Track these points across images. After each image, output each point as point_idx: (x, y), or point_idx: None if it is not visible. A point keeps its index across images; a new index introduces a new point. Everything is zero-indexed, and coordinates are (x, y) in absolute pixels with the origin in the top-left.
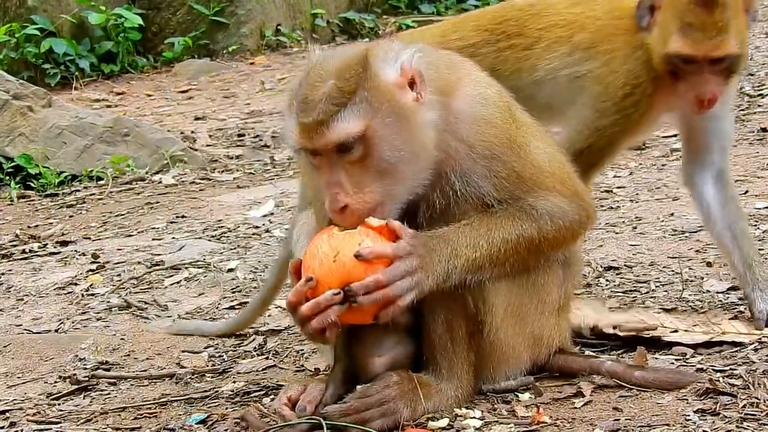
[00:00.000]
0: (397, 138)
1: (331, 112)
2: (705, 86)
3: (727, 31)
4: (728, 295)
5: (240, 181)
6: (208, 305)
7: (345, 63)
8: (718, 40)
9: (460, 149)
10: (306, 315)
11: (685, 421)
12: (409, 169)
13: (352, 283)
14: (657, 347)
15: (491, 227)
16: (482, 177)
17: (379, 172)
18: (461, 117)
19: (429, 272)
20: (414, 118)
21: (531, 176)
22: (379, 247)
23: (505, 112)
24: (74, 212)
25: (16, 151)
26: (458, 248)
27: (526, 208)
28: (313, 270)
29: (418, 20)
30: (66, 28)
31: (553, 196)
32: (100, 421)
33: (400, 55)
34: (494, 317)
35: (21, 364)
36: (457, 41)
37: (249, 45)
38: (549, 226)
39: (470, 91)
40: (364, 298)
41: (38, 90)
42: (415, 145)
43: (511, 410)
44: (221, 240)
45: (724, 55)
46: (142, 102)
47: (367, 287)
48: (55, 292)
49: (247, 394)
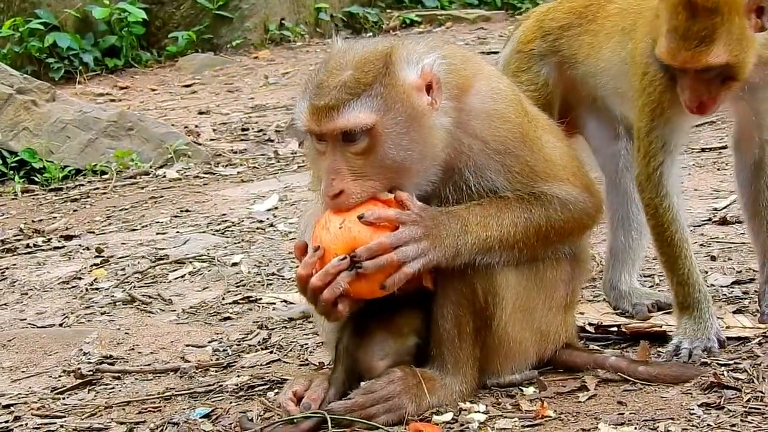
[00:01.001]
0: (404, 137)
1: (343, 99)
2: (692, 93)
3: (712, 41)
4: (732, 289)
5: (244, 175)
6: (212, 299)
7: (366, 56)
8: (698, 51)
9: (473, 145)
10: (317, 286)
11: (690, 415)
12: (413, 168)
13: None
14: (661, 342)
15: (501, 208)
16: (496, 172)
17: (381, 167)
18: (474, 113)
19: (436, 243)
20: (425, 121)
21: (544, 169)
22: (384, 211)
23: (517, 107)
24: (78, 206)
25: (20, 145)
26: (468, 225)
27: (537, 193)
28: (321, 239)
29: (422, 14)
30: (70, 23)
31: (565, 185)
32: (105, 415)
33: (422, 58)
34: (503, 312)
35: (25, 358)
36: (551, 21)
37: (253, 39)
38: (558, 214)
39: (483, 87)
40: (369, 263)
41: (42, 84)
42: (423, 147)
43: (516, 404)
44: (225, 234)
45: (702, 66)
46: (146, 96)
47: (372, 250)
48: (59, 287)
49: (251, 388)
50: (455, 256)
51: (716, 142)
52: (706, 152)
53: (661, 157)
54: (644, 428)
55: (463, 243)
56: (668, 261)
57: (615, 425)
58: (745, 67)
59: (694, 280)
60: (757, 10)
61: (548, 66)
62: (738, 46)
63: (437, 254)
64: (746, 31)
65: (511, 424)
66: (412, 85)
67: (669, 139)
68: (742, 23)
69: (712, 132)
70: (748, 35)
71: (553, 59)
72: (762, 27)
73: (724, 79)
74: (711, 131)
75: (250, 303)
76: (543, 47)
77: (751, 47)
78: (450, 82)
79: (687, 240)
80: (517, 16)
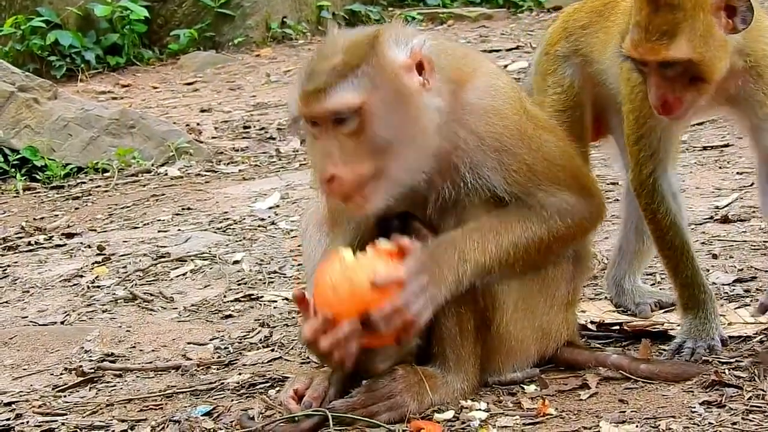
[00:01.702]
0: (394, 117)
1: (331, 82)
2: (657, 91)
3: (674, 34)
4: (734, 287)
5: (246, 173)
6: (213, 297)
7: (356, 39)
8: (659, 43)
9: (469, 140)
10: (326, 351)
11: (691, 413)
12: (406, 151)
13: (369, 310)
14: (662, 340)
15: (500, 231)
16: (493, 170)
17: (373, 149)
18: (471, 108)
19: (441, 284)
20: (416, 101)
21: (543, 169)
22: (393, 272)
23: (516, 104)
24: (80, 204)
25: (22, 143)
26: (467, 253)
27: (536, 207)
28: (329, 303)
29: (423, 12)
30: (72, 20)
31: (563, 193)
32: (106, 413)
33: (412, 38)
34: (504, 311)
35: (27, 356)
36: (574, 22)
37: (255, 37)
38: (559, 225)
39: (482, 83)
40: (385, 326)
41: (44, 82)
42: (414, 129)
43: (517, 402)
44: (227, 232)
45: (663, 59)
46: (147, 94)
47: (387, 315)
48: (60, 284)
49: (252, 386)
50: (458, 286)
51: (718, 140)
52: (708, 150)
53: (652, 165)
54: (645, 426)
55: (463, 272)
56: (670, 263)
57: (616, 423)
58: (713, 66)
59: (698, 282)
60: (728, 10)
61: (572, 67)
62: (703, 43)
63: (443, 293)
64: (713, 29)
65: (512, 422)
66: (401, 65)
67: (657, 147)
68: (708, 20)
69: (714, 130)
70: (717, 34)
71: (575, 60)
72: (734, 28)
73: (692, 79)
74: (713, 129)
75: (252, 301)
76: (567, 48)
77: (721, 47)
78: (446, 72)
79: (688, 242)
80: (518, 14)
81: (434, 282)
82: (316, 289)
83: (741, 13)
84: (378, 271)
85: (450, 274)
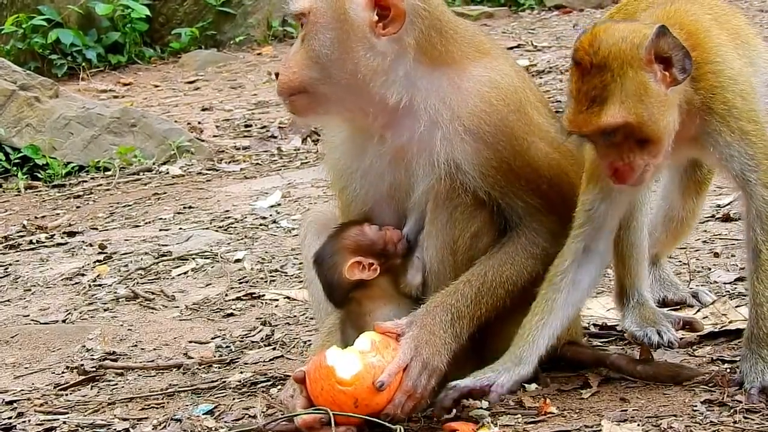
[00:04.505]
0: (327, 36)
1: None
2: (605, 160)
3: (605, 100)
4: (735, 285)
5: (247, 171)
6: (215, 296)
7: None
8: (591, 112)
9: (443, 112)
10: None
11: (693, 412)
12: (338, 75)
13: (378, 410)
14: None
15: (494, 283)
16: (471, 164)
17: (310, 58)
18: (460, 90)
19: (441, 352)
20: (356, 35)
21: (525, 175)
22: (393, 368)
23: (510, 101)
24: (81, 203)
25: (23, 141)
26: (460, 310)
27: (529, 248)
28: (331, 398)
29: None
30: (73, 19)
31: (550, 221)
32: (108, 411)
33: None
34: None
35: (28, 354)
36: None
37: (256, 35)
38: (549, 251)
39: (479, 73)
40: (401, 414)
41: (45, 81)
42: (350, 60)
43: (519, 401)
44: (228, 230)
45: (597, 129)
46: (149, 93)
47: (403, 407)
48: (62, 283)
49: (254, 384)
50: (458, 343)
51: None
52: None
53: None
54: (647, 425)
55: (460, 329)
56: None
57: (618, 422)
58: (656, 125)
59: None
60: (663, 62)
61: None
62: (638, 103)
63: (443, 359)
64: (649, 86)
65: (514, 420)
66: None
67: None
68: (640, 78)
69: None
70: (654, 90)
71: None
72: (674, 80)
73: (640, 142)
74: None
75: (253, 299)
76: None
77: (662, 104)
78: (438, 45)
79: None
80: (520, 12)
81: (434, 353)
82: (316, 401)
83: (677, 63)
84: (375, 374)
85: (448, 336)
